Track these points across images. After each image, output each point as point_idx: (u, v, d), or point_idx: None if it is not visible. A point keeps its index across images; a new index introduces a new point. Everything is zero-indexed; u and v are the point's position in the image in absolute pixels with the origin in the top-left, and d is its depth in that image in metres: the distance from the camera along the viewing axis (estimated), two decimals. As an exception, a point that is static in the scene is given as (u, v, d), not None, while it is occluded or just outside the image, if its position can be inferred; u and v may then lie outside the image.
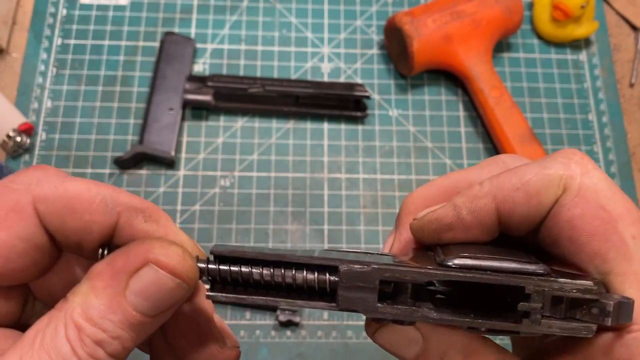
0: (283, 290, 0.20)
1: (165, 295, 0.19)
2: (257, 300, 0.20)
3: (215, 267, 0.20)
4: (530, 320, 0.19)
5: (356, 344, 0.52)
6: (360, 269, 0.19)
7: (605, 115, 0.62)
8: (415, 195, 0.25)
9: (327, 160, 0.58)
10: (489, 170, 0.23)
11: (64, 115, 0.57)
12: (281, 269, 0.20)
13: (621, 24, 0.68)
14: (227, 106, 0.58)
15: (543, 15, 0.63)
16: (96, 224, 0.20)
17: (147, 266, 0.19)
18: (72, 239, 0.21)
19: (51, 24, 0.61)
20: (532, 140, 0.56)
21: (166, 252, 0.19)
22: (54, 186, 0.20)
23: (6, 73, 0.59)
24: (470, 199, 0.22)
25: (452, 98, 0.61)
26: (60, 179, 0.20)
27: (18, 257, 0.20)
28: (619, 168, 0.60)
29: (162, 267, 0.19)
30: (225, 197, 0.56)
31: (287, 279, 0.20)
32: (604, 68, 0.64)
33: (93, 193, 0.20)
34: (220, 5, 0.63)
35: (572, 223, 0.20)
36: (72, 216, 0.20)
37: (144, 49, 0.61)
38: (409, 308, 0.20)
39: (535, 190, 0.21)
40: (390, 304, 0.20)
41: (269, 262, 0.20)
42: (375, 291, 0.19)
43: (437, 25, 0.57)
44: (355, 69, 0.62)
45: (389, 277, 0.19)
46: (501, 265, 0.20)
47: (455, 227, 0.22)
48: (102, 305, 0.19)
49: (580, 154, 0.21)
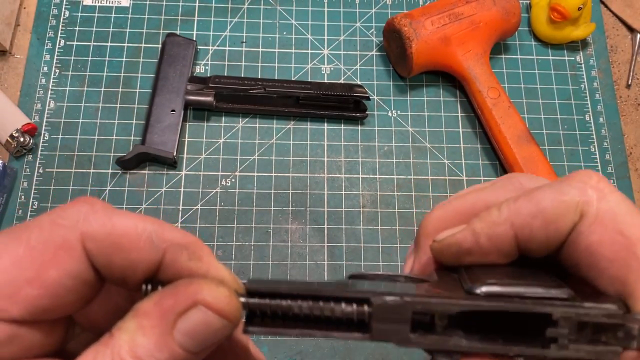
0: (317, 322, 0.21)
1: (212, 335, 0.20)
2: (294, 332, 0.21)
3: (256, 301, 0.20)
4: (558, 346, 0.19)
5: (356, 342, 0.52)
6: (393, 301, 0.20)
7: (602, 116, 0.63)
8: (433, 217, 0.25)
9: (327, 160, 0.58)
10: (505, 192, 0.23)
11: (66, 116, 0.58)
12: (317, 302, 0.20)
13: (618, 25, 0.68)
14: (228, 107, 0.58)
15: (540, 17, 0.64)
16: (142, 262, 0.20)
17: (195, 307, 0.19)
18: (117, 275, 0.21)
19: (54, 25, 0.62)
20: (529, 140, 0.56)
21: (214, 294, 0.20)
22: (102, 223, 0.20)
23: (9, 74, 0.60)
24: (489, 225, 0.22)
25: (450, 99, 0.62)
26: (107, 214, 0.20)
27: (66, 293, 0.20)
28: (616, 168, 0.60)
29: (210, 308, 0.20)
30: (227, 196, 0.56)
31: (326, 312, 0.20)
32: (600, 69, 0.65)
33: (140, 230, 0.20)
34: (222, 7, 0.64)
35: (591, 250, 0.21)
36: (119, 254, 0.20)
37: (145, 51, 0.61)
38: (441, 337, 0.20)
39: (552, 218, 0.21)
40: (423, 333, 0.20)
41: (303, 295, 0.20)
42: (408, 323, 0.20)
43: (435, 27, 0.58)
44: (355, 70, 0.62)
45: (421, 309, 0.20)
46: (527, 290, 0.20)
47: (474, 252, 0.22)
48: (149, 344, 0.19)
49: (596, 176, 0.21)
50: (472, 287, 0.21)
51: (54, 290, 0.20)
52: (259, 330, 0.21)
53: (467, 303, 0.20)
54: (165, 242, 0.21)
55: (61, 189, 0.55)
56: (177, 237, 0.21)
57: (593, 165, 0.60)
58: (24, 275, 0.19)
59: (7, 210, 0.54)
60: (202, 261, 0.22)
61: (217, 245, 0.54)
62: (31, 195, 0.55)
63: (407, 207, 0.57)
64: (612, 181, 0.60)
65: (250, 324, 0.21)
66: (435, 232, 0.24)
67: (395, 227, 0.56)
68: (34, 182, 0.55)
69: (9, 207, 0.54)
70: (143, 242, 0.20)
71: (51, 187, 0.55)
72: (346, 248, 0.55)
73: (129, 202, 0.55)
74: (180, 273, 0.21)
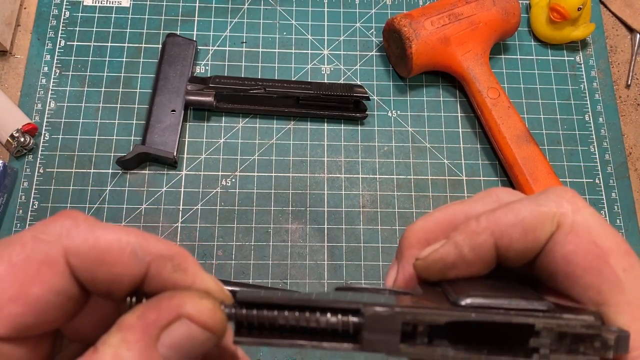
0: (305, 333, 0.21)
1: (196, 347, 0.20)
2: (283, 343, 0.21)
3: (242, 312, 0.21)
4: (540, 355, 0.20)
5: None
6: (384, 312, 0.20)
7: (602, 116, 0.63)
8: (415, 229, 0.25)
9: (327, 160, 0.59)
10: (483, 204, 0.24)
11: (67, 116, 0.58)
12: (305, 313, 0.20)
13: (618, 25, 0.68)
14: (228, 107, 0.59)
15: (540, 17, 0.64)
16: (127, 275, 0.20)
17: (179, 321, 0.20)
18: (102, 289, 0.21)
19: (54, 25, 0.62)
20: (529, 140, 0.57)
21: (198, 307, 0.20)
22: (85, 238, 0.20)
23: (10, 74, 0.60)
24: (470, 235, 0.22)
25: (450, 99, 0.62)
26: (90, 228, 0.20)
27: (50, 309, 0.20)
28: (615, 168, 0.60)
29: (194, 321, 0.20)
30: (227, 196, 0.56)
31: (312, 322, 0.20)
32: (600, 69, 0.65)
33: (123, 244, 0.20)
34: (222, 7, 0.64)
35: (567, 259, 0.21)
36: (103, 268, 0.20)
37: (146, 51, 0.61)
38: (429, 347, 0.21)
39: (531, 226, 0.22)
40: (412, 344, 0.21)
41: (294, 306, 0.21)
42: (399, 333, 0.20)
43: (435, 28, 0.58)
44: (355, 71, 0.62)
45: (410, 319, 0.20)
46: (510, 302, 0.21)
47: (458, 265, 0.23)
48: (133, 358, 0.19)
49: (570, 192, 0.22)
50: (457, 299, 0.21)
51: (38, 307, 0.19)
52: (247, 340, 0.21)
53: (455, 314, 0.20)
54: (150, 255, 0.21)
55: (61, 189, 0.55)
56: (162, 249, 0.21)
57: (593, 165, 0.60)
58: (7, 294, 0.19)
59: (7, 210, 0.54)
60: (187, 273, 0.21)
61: (217, 245, 0.54)
62: (31, 195, 0.55)
63: (407, 207, 0.57)
64: (612, 181, 0.60)
65: (238, 335, 0.21)
66: (418, 243, 0.24)
67: (395, 227, 0.56)
68: (34, 182, 0.55)
69: (9, 207, 0.54)
70: (127, 255, 0.20)
71: (51, 187, 0.55)
72: (346, 248, 0.55)
73: (129, 202, 0.55)
74: (165, 285, 0.21)
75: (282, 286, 0.53)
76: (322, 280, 0.54)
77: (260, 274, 0.54)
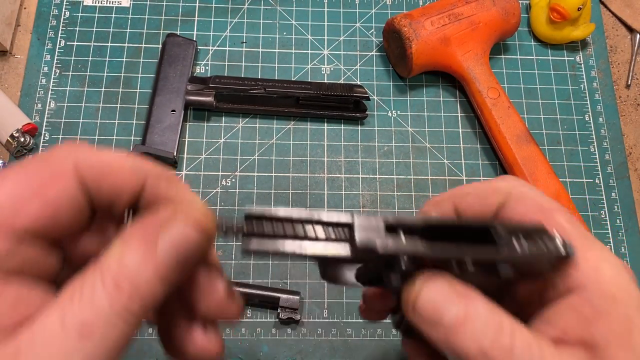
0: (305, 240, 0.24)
1: (190, 248, 0.22)
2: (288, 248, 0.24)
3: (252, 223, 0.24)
4: (506, 246, 0.24)
5: (355, 341, 0.52)
6: (370, 216, 0.25)
7: (602, 116, 0.63)
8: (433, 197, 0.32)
9: (327, 160, 0.59)
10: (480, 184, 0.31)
11: (67, 116, 0.58)
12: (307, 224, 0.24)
13: (618, 25, 0.68)
14: (228, 107, 0.59)
15: (540, 17, 0.64)
16: (126, 187, 0.23)
17: (174, 224, 0.22)
18: (105, 200, 0.24)
19: (54, 25, 0.62)
20: (529, 140, 0.57)
21: (191, 210, 0.23)
22: (91, 154, 0.23)
23: (10, 74, 0.60)
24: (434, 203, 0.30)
25: (450, 99, 0.62)
26: (94, 149, 0.24)
27: (63, 215, 0.23)
28: (615, 168, 0.60)
29: (188, 221, 0.22)
30: (227, 196, 0.56)
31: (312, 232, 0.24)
32: (600, 69, 0.65)
33: (123, 161, 0.24)
34: (222, 7, 0.64)
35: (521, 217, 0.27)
36: (106, 179, 0.23)
37: (146, 51, 0.61)
38: (414, 242, 0.24)
39: (483, 194, 0.28)
40: (396, 239, 0.24)
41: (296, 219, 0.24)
42: (382, 230, 0.24)
43: (435, 28, 0.58)
44: (355, 71, 0.62)
45: (392, 221, 0.24)
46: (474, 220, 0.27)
47: None
48: (135, 260, 0.21)
49: (517, 178, 0.29)
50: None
51: (53, 209, 0.22)
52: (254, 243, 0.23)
53: (431, 218, 0.26)
54: (146, 172, 0.24)
55: (61, 189, 0.55)
56: (157, 169, 0.24)
57: (593, 165, 0.60)
58: (26, 194, 0.22)
59: (7, 210, 0.54)
60: (178, 189, 0.25)
61: (217, 245, 0.54)
62: (32, 195, 0.55)
63: (407, 207, 0.57)
64: (612, 181, 0.60)
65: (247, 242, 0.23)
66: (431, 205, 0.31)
67: (395, 227, 0.56)
68: (34, 182, 0.55)
69: (9, 207, 0.54)
70: (127, 169, 0.23)
71: (52, 187, 0.55)
72: (346, 248, 0.55)
73: (130, 202, 0.55)
74: (160, 198, 0.24)
75: (282, 286, 0.53)
76: (322, 281, 0.54)
77: (260, 274, 0.54)
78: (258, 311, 0.53)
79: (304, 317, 0.53)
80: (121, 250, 0.21)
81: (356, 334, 0.53)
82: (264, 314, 0.53)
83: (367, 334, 0.53)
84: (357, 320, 0.53)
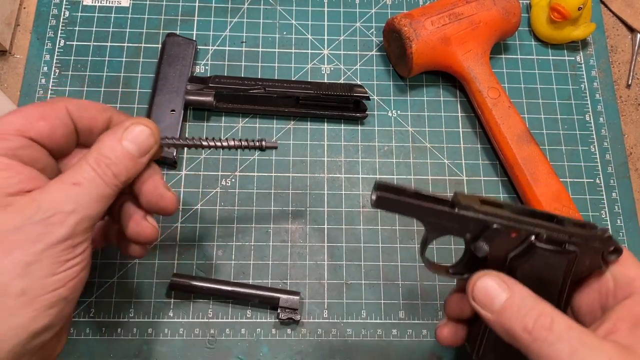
0: None
1: (144, 141, 0.36)
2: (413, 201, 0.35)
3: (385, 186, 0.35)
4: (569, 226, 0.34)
5: (356, 341, 0.52)
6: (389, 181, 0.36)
7: (602, 116, 0.63)
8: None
9: (327, 160, 0.58)
10: None
11: (66, 115, 0.58)
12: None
13: (618, 25, 0.68)
14: (228, 107, 0.58)
15: (540, 17, 0.64)
16: (99, 117, 0.38)
17: (133, 125, 0.36)
18: (86, 126, 0.37)
19: (54, 25, 0.62)
20: (529, 140, 0.56)
21: (142, 119, 0.37)
22: (74, 99, 0.37)
23: (9, 74, 0.60)
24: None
25: (450, 99, 0.62)
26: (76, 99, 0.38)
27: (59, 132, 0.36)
28: (616, 168, 0.60)
29: (142, 124, 0.37)
30: (227, 196, 0.56)
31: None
32: (601, 69, 0.65)
33: (96, 102, 0.38)
34: (222, 7, 0.64)
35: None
36: (85, 111, 0.37)
37: (145, 51, 0.61)
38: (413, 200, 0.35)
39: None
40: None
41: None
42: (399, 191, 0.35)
43: (435, 27, 0.58)
44: (355, 70, 0.62)
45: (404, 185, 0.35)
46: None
47: None
48: (108, 145, 0.35)
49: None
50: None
51: (54, 126, 0.35)
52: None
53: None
54: (112, 109, 0.39)
55: (61, 189, 0.55)
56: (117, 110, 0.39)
57: (593, 165, 0.60)
58: (35, 115, 0.35)
59: (7, 210, 0.54)
60: (135, 117, 0.38)
61: (217, 245, 0.54)
62: (31, 195, 0.55)
63: (407, 207, 0.57)
64: (613, 181, 0.60)
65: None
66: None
67: (395, 227, 0.56)
68: (34, 182, 0.55)
69: (9, 207, 0.54)
70: (99, 107, 0.38)
71: (51, 187, 0.55)
72: (346, 248, 0.55)
73: (129, 202, 0.55)
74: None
75: (282, 286, 0.53)
76: (322, 281, 0.54)
77: (260, 274, 0.54)
78: (258, 311, 0.53)
79: (304, 318, 0.53)
80: (98, 145, 0.35)
81: (356, 334, 0.52)
82: (264, 315, 0.52)
83: (367, 334, 0.53)
84: (357, 320, 0.53)
